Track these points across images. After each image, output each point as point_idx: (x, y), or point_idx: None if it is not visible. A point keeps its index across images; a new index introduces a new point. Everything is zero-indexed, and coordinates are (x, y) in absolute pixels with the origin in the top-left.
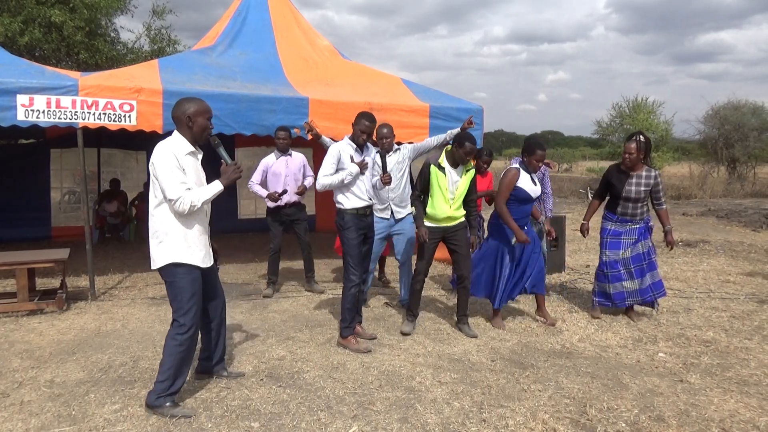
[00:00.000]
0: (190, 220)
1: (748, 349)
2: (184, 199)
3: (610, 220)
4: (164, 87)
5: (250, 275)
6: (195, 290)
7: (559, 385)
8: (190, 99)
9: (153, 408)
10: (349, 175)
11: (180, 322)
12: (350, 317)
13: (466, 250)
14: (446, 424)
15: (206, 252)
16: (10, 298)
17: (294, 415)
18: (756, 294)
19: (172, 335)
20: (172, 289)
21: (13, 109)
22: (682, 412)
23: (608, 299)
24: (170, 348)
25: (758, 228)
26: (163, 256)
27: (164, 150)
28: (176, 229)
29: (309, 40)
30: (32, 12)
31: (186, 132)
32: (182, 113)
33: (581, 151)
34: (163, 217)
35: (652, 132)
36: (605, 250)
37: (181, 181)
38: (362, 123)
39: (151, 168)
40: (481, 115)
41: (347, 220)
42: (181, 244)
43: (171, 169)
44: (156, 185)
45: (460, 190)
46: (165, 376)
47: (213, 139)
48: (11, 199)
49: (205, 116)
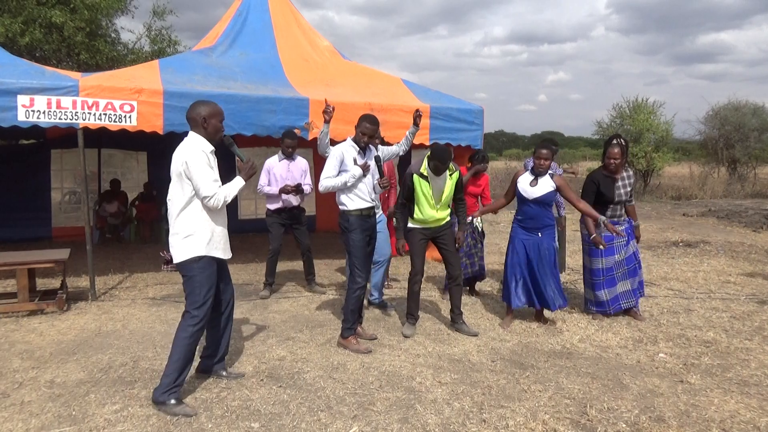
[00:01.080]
0: (217, 216)
1: (748, 349)
2: (218, 195)
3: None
4: (165, 87)
5: (250, 275)
6: (211, 284)
7: (560, 385)
8: (204, 102)
9: (159, 404)
10: (352, 177)
11: (192, 314)
12: (353, 319)
13: (453, 248)
14: (446, 425)
15: (225, 244)
16: (10, 299)
17: (294, 415)
18: (756, 294)
19: (184, 327)
20: (191, 282)
21: (14, 109)
22: (683, 412)
23: (604, 306)
24: (180, 339)
25: (759, 228)
26: (188, 250)
27: (195, 149)
28: (205, 224)
29: (309, 40)
30: (33, 12)
31: (201, 133)
32: (197, 115)
33: (582, 152)
34: (192, 214)
35: (653, 132)
36: (602, 257)
37: (214, 179)
38: (363, 125)
39: (181, 167)
40: (481, 115)
41: (352, 222)
42: (206, 239)
43: (204, 168)
44: (182, 184)
45: (446, 195)
46: (172, 369)
47: (227, 139)
48: (12, 199)
49: (218, 118)
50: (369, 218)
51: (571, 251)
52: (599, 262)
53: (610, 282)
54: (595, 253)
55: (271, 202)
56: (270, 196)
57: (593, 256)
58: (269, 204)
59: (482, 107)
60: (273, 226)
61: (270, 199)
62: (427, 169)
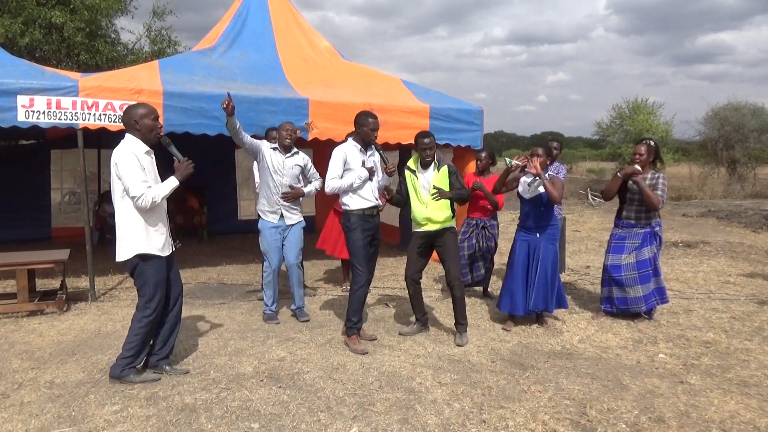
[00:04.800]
0: (150, 214)
1: (748, 350)
2: (146, 196)
3: (616, 226)
4: (164, 88)
5: (250, 276)
6: (159, 278)
7: (560, 386)
8: (137, 105)
9: (119, 378)
10: (358, 178)
11: (146, 307)
12: (356, 318)
13: (452, 255)
14: (446, 425)
15: (166, 242)
16: (10, 299)
17: (294, 416)
18: (756, 295)
19: (138, 318)
20: (139, 278)
21: (14, 110)
22: (683, 413)
23: (612, 305)
24: (135, 329)
25: (758, 229)
26: (128, 249)
27: (125, 151)
28: (139, 223)
29: (309, 41)
30: (33, 13)
31: (136, 134)
32: (130, 118)
33: (581, 152)
34: (126, 213)
35: (652, 133)
36: (608, 253)
37: (143, 180)
38: (368, 121)
39: (113, 168)
40: (481, 115)
41: (353, 222)
42: (143, 237)
43: (133, 169)
44: (118, 184)
45: (432, 190)
46: (130, 352)
47: (164, 138)
48: (12, 199)
49: (150, 117)
50: (372, 218)
51: (570, 251)
52: (607, 258)
53: (618, 281)
54: (607, 249)
55: None
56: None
57: (606, 251)
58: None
59: (482, 108)
60: None
61: None
62: (415, 162)
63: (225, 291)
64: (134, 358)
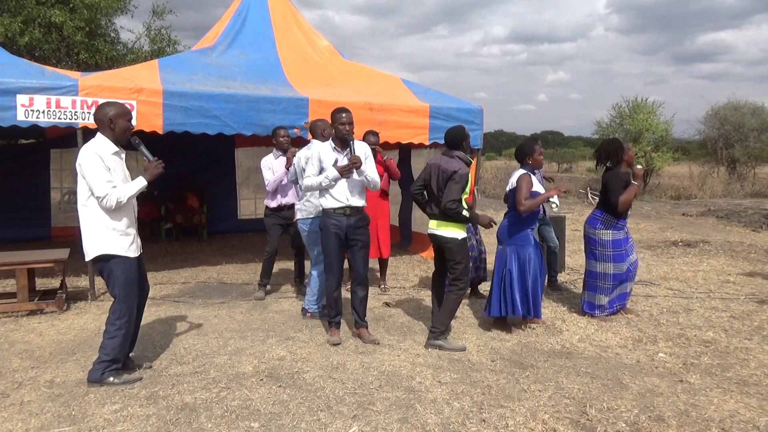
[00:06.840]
0: (117, 214)
1: (748, 349)
2: (110, 196)
3: (620, 229)
4: (164, 87)
5: (249, 275)
6: (128, 278)
7: (559, 385)
8: (111, 103)
9: (99, 382)
10: (325, 178)
11: (118, 308)
12: (333, 313)
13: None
14: (446, 425)
15: (134, 242)
16: (10, 299)
17: (294, 415)
18: (756, 294)
19: (112, 320)
20: (109, 278)
21: (13, 109)
22: (682, 412)
23: (608, 307)
24: (111, 332)
25: (758, 228)
26: (94, 249)
27: (89, 151)
28: (105, 223)
29: (309, 40)
30: (32, 12)
31: (108, 134)
32: (104, 116)
33: (581, 152)
34: (91, 213)
35: (652, 132)
36: (621, 263)
37: (107, 180)
38: (338, 117)
39: (78, 168)
40: (481, 115)
41: (323, 220)
42: (109, 237)
43: (97, 169)
44: (83, 184)
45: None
46: (107, 356)
47: (134, 139)
48: (11, 199)
49: (125, 118)
50: (343, 217)
51: (570, 251)
52: (620, 268)
53: (623, 280)
54: (615, 258)
55: (269, 199)
56: (269, 193)
57: (613, 261)
58: (268, 201)
59: (482, 107)
60: (272, 228)
61: (269, 197)
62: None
63: (225, 290)
64: (112, 362)
